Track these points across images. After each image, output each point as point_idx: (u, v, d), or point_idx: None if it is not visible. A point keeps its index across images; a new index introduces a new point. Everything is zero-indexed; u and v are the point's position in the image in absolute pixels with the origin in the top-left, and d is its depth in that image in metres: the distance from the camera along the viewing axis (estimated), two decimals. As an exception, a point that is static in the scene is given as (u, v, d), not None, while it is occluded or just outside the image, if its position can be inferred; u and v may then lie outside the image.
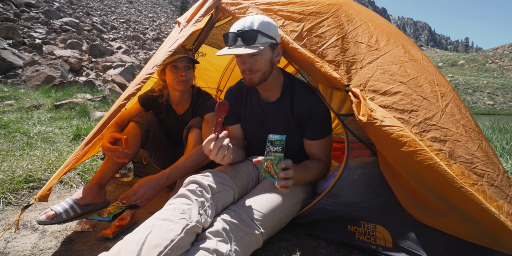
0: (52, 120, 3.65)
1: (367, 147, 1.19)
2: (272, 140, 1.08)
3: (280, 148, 1.06)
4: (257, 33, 1.18)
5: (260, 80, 1.29)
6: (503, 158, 2.58)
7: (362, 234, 1.18)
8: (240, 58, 1.27)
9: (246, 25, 1.19)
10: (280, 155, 1.05)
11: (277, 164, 1.06)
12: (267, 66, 1.28)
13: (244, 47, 1.18)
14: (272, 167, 1.07)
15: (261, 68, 1.26)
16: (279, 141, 1.06)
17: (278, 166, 1.06)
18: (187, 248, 0.92)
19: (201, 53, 2.89)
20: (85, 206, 1.46)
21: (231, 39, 1.21)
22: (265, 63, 1.26)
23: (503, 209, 1.02)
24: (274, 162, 1.06)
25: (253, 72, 1.26)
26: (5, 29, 10.51)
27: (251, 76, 1.27)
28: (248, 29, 1.18)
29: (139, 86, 1.25)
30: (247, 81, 1.30)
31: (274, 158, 1.06)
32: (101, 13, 34.65)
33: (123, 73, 9.58)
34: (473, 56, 78.79)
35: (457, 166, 1.06)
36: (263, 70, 1.27)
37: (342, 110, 1.23)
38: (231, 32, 1.21)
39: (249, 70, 1.25)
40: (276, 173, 1.06)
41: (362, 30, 1.36)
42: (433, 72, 1.38)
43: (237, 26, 1.22)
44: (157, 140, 1.81)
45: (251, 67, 1.25)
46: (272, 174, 1.08)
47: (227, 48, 1.23)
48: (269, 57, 1.27)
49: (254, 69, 1.25)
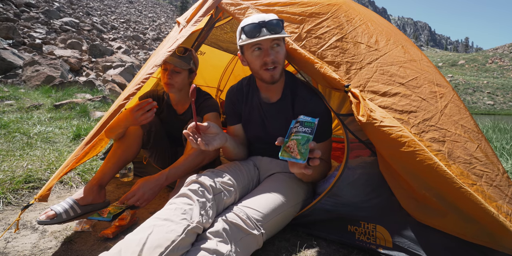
0: (52, 120, 3.65)
1: (367, 147, 1.19)
2: (303, 121, 1.04)
3: (309, 129, 1.02)
4: (282, 22, 1.19)
5: (281, 76, 1.27)
6: (503, 158, 2.58)
7: (362, 234, 1.18)
8: (261, 50, 1.23)
9: (266, 17, 1.19)
10: (308, 136, 1.01)
11: (304, 144, 1.00)
12: (284, 60, 1.27)
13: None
14: (297, 147, 1.01)
15: (282, 61, 1.25)
16: (310, 123, 1.03)
17: (305, 146, 1.00)
18: (187, 249, 0.92)
19: (200, 51, 2.89)
20: (85, 206, 1.46)
21: (253, 30, 1.18)
22: (283, 56, 1.26)
23: (502, 209, 1.02)
24: (301, 142, 1.01)
25: (276, 64, 1.23)
26: (5, 29, 10.51)
27: (274, 71, 1.24)
28: (272, 19, 1.18)
29: (139, 86, 1.25)
30: (268, 78, 1.26)
31: (301, 138, 1.02)
32: (101, 13, 34.64)
33: (123, 73, 9.58)
34: (473, 56, 78.80)
35: (456, 166, 1.06)
36: (282, 64, 1.26)
37: (341, 110, 1.23)
38: (252, 23, 1.18)
39: (273, 62, 1.22)
40: (302, 153, 1.00)
41: (362, 30, 1.36)
42: (432, 72, 1.38)
43: (254, 19, 1.19)
44: (158, 140, 1.81)
45: (275, 58, 1.22)
46: (294, 155, 1.01)
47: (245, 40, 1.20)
48: (285, 51, 1.27)
49: (277, 60, 1.23)
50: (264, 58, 1.22)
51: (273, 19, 1.18)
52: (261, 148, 1.51)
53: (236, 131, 1.54)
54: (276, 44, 1.22)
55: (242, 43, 1.22)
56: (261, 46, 1.22)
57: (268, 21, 1.17)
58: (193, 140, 1.10)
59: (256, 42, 1.21)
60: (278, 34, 1.17)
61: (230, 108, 1.52)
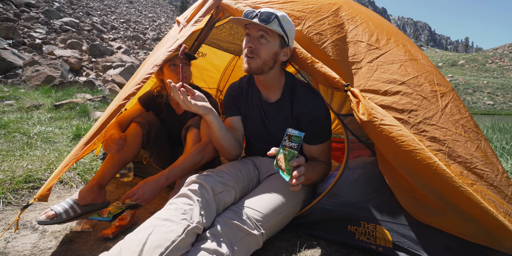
0: (52, 120, 3.65)
1: (367, 147, 1.19)
2: (290, 135, 1.05)
3: (296, 144, 1.02)
4: (275, 17, 1.19)
5: (257, 69, 1.27)
6: (503, 158, 2.58)
7: (362, 234, 1.18)
8: (249, 37, 1.25)
9: (267, 9, 1.21)
10: (294, 152, 1.02)
11: (289, 160, 1.02)
12: (269, 57, 1.26)
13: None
14: (284, 162, 1.03)
15: (263, 56, 1.24)
16: (297, 137, 1.03)
17: (290, 163, 1.02)
18: (187, 249, 0.92)
19: (202, 53, 2.89)
20: (85, 206, 1.46)
21: (248, 14, 1.21)
22: (268, 53, 1.25)
23: (501, 209, 1.02)
24: (287, 158, 1.03)
25: (254, 55, 1.24)
26: (5, 29, 10.51)
27: (250, 60, 1.25)
28: (267, 11, 1.19)
29: (139, 86, 1.24)
30: (244, 64, 1.27)
31: (288, 153, 1.03)
32: (101, 13, 34.64)
33: (123, 73, 9.58)
34: (473, 56, 78.79)
35: (455, 166, 1.06)
36: (264, 60, 1.25)
37: (342, 110, 1.23)
38: (252, 9, 1.22)
39: (251, 51, 1.23)
40: (287, 170, 1.02)
41: (363, 29, 1.36)
42: (433, 72, 1.38)
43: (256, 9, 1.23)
44: (158, 141, 1.81)
45: (255, 49, 1.23)
46: (282, 170, 1.04)
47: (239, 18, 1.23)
48: (276, 49, 1.26)
49: (257, 52, 1.23)
50: (247, 44, 1.25)
51: (269, 12, 1.19)
52: (261, 148, 1.51)
53: (233, 123, 1.51)
54: (262, 36, 1.23)
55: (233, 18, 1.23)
56: (249, 32, 1.25)
57: (263, 11, 1.19)
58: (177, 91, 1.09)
59: (246, 27, 1.25)
60: (266, 24, 1.18)
61: (230, 100, 1.51)
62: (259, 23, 1.18)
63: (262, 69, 1.27)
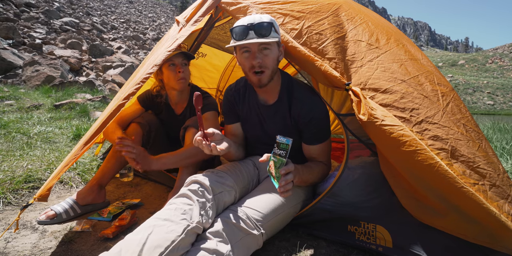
0: (52, 120, 3.65)
1: (367, 147, 1.18)
2: (279, 142, 1.05)
3: (284, 152, 1.02)
4: (271, 25, 1.17)
5: (269, 80, 1.26)
6: (503, 158, 2.58)
7: (362, 234, 1.18)
8: (249, 53, 1.22)
9: (255, 20, 1.17)
10: (282, 159, 1.02)
11: (278, 168, 1.03)
12: (274, 64, 1.26)
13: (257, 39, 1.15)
14: (274, 169, 1.05)
15: (270, 65, 1.24)
16: (285, 145, 1.03)
17: (279, 171, 1.03)
18: (187, 249, 0.92)
19: (201, 53, 2.88)
20: (85, 206, 1.46)
21: (241, 33, 1.17)
22: (273, 60, 1.24)
23: (503, 209, 1.02)
24: (276, 165, 1.04)
25: (264, 68, 1.22)
26: (5, 29, 10.51)
27: (261, 76, 1.23)
28: (261, 22, 1.16)
29: (139, 86, 1.24)
30: (255, 81, 1.26)
31: (277, 161, 1.04)
32: (101, 13, 34.64)
33: (123, 73, 9.58)
34: (473, 56, 78.75)
35: (458, 165, 1.05)
36: (271, 68, 1.25)
37: (342, 110, 1.23)
38: (241, 25, 1.17)
39: (259, 66, 1.21)
40: (277, 177, 1.04)
41: (363, 29, 1.36)
42: (433, 71, 1.38)
43: (245, 21, 1.18)
44: (158, 141, 1.81)
45: (262, 62, 1.21)
46: (273, 177, 1.06)
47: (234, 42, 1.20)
48: (276, 54, 1.26)
49: (265, 65, 1.22)
50: (251, 61, 1.22)
51: (263, 22, 1.16)
52: (261, 148, 1.51)
53: (233, 130, 1.53)
54: (264, 48, 1.21)
55: (231, 45, 1.22)
56: (249, 49, 1.22)
57: (256, 24, 1.15)
58: (205, 146, 1.08)
59: (244, 45, 1.21)
60: (265, 38, 1.16)
61: (228, 107, 1.51)
62: (260, 41, 1.15)
63: (272, 77, 1.28)
